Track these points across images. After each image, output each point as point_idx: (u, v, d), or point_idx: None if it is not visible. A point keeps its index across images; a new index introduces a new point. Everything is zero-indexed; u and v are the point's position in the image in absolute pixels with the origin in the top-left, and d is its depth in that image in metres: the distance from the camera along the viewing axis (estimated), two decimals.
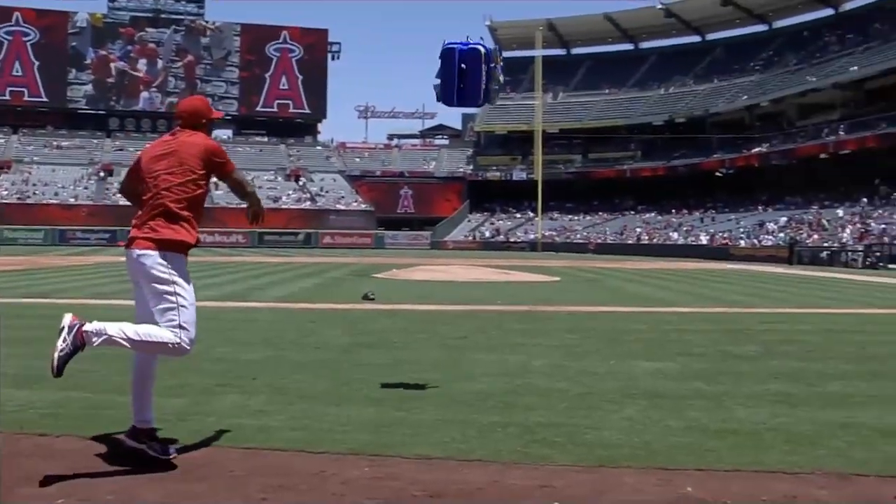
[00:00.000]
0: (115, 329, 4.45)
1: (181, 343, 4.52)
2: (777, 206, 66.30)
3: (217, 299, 15.37)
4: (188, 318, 4.55)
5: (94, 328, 4.38)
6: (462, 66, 7.20)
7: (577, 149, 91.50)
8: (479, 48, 7.30)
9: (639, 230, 73.99)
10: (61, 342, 4.29)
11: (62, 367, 4.29)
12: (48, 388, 6.17)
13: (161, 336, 4.49)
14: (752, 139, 73.96)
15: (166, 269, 4.52)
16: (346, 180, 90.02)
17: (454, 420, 5.71)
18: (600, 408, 6.21)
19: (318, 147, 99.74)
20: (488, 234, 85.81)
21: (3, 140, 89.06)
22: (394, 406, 6.12)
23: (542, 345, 9.81)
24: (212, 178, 4.85)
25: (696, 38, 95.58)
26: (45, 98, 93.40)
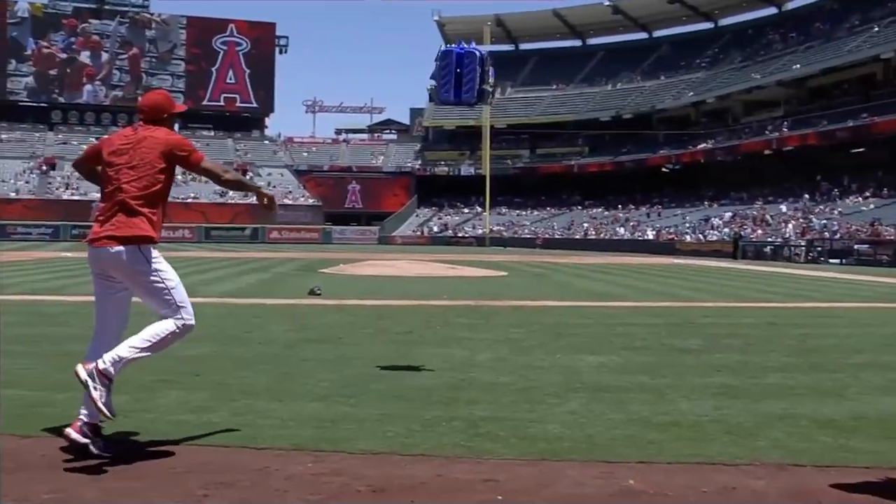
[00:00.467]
0: (126, 350, 4.60)
1: (185, 322, 4.75)
2: (722, 202, 67.06)
3: None
4: (181, 296, 4.76)
5: (108, 360, 4.52)
6: (458, 69, 8.03)
7: (524, 144, 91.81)
8: (475, 52, 8.14)
9: (586, 225, 74.40)
10: (94, 392, 4.44)
11: (111, 407, 4.49)
12: None
13: (166, 328, 4.70)
14: (697, 135, 74.71)
15: (144, 261, 4.65)
16: (293, 175, 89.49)
17: (398, 415, 5.71)
18: (544, 402, 6.24)
19: (266, 142, 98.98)
20: (436, 228, 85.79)
21: None
22: (338, 401, 6.11)
23: (488, 339, 9.84)
24: (177, 172, 4.93)
25: (643, 35, 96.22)
26: None
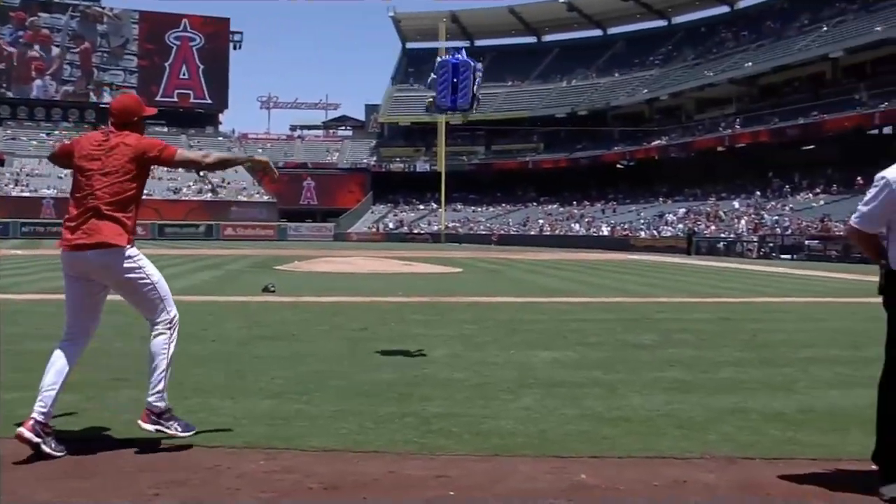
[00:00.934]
0: (160, 384, 4.85)
1: (171, 317, 4.97)
2: (676, 198, 67.68)
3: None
4: (164, 289, 4.95)
5: (154, 396, 4.83)
6: (455, 79, 8.66)
7: (480, 140, 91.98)
8: (469, 62, 8.78)
9: (541, 221, 74.75)
10: (171, 430, 4.81)
11: (188, 426, 4.89)
12: None
13: (163, 341, 4.92)
14: (651, 132, 75.29)
15: (126, 261, 4.78)
16: (247, 172, 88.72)
17: (351, 411, 5.70)
18: (497, 398, 6.26)
19: (220, 138, 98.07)
20: (392, 225, 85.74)
21: None
22: (291, 399, 6.09)
23: (442, 336, 9.85)
24: (149, 174, 5.02)
25: (598, 32, 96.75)
26: None
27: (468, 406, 5.96)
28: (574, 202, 78.09)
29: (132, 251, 4.81)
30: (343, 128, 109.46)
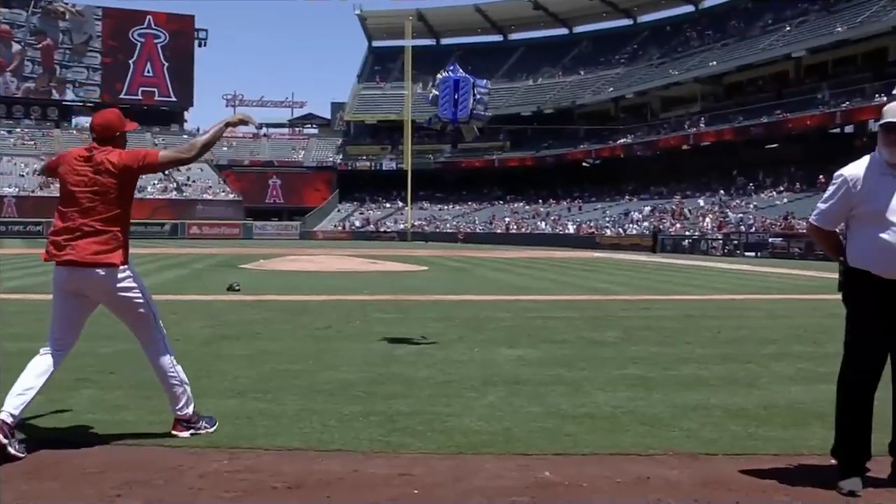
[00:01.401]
0: (183, 397, 5.10)
1: (164, 335, 5.14)
2: (641, 196, 68.06)
3: None
4: (155, 309, 5.10)
5: (178, 403, 5.07)
6: (455, 95, 9.34)
7: (446, 139, 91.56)
8: (469, 77, 9.56)
9: (507, 220, 74.91)
10: (203, 431, 5.09)
11: (212, 419, 5.24)
12: None
13: (169, 358, 5.09)
14: (617, 131, 75.61)
15: (123, 280, 4.87)
16: (213, 170, 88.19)
17: (315, 410, 5.69)
18: (462, 395, 6.27)
19: (185, 136, 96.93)
20: (358, 223, 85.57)
21: None
22: (255, 398, 6.06)
23: (407, 334, 9.83)
24: (136, 186, 5.07)
25: (564, 31, 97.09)
26: None
27: (432, 404, 5.96)
28: (540, 200, 78.29)
29: (127, 271, 4.87)
30: (309, 126, 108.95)
